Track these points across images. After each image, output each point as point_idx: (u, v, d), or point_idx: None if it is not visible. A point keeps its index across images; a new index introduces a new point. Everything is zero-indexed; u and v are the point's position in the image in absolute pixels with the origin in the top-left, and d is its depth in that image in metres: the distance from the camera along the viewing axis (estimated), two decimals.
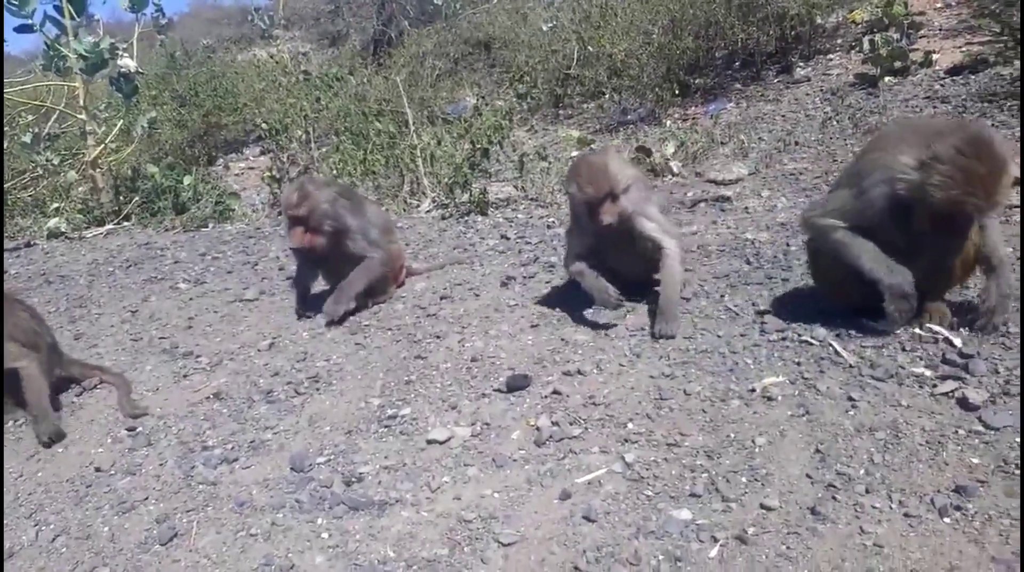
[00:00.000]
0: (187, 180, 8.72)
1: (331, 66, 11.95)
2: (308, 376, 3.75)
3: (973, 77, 7.08)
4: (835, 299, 3.49)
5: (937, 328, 3.18)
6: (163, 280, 5.87)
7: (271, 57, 14.30)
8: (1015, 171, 2.82)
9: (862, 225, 3.16)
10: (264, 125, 9.83)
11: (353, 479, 2.84)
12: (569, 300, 4.19)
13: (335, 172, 8.19)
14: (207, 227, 7.77)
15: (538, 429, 2.98)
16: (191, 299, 5.29)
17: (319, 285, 4.82)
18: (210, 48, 18.19)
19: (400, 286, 4.91)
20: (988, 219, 3.05)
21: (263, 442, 3.21)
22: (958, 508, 2.25)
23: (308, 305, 4.61)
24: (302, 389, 3.62)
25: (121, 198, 8.87)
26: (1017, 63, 7.03)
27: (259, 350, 4.19)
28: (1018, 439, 2.49)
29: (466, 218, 6.56)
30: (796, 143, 6.87)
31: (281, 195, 4.37)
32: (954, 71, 7.34)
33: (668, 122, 8.57)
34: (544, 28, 11.39)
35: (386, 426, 3.18)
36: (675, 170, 6.80)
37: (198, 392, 3.80)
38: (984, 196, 2.78)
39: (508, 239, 5.68)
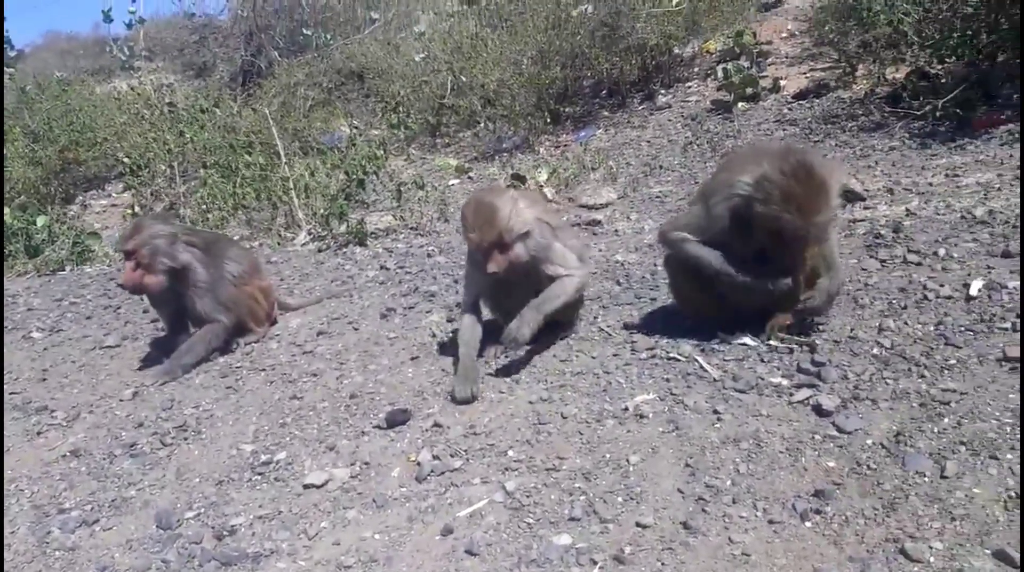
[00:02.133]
0: (41, 221, 8.17)
1: (197, 98, 11.52)
2: (175, 425, 3.56)
3: (817, 101, 7.62)
4: (690, 312, 3.69)
5: (785, 336, 3.40)
6: (14, 330, 5.46)
7: (132, 89, 13.66)
8: (833, 194, 3.08)
9: (713, 239, 3.39)
10: (126, 160, 9.38)
11: (225, 532, 2.71)
12: (450, 330, 4.19)
13: (204, 207, 7.89)
14: (64, 270, 7.30)
15: (419, 464, 2.94)
16: (45, 349, 4.94)
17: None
18: (65, 80, 17.18)
19: (273, 324, 4.76)
20: (822, 235, 3.27)
21: (126, 500, 3.02)
22: (818, 512, 2.38)
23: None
24: (168, 440, 3.44)
25: None
26: (855, 87, 7.64)
27: (121, 400, 3.95)
28: (869, 441, 2.66)
29: (344, 249, 6.47)
30: (661, 167, 7.17)
31: None
32: (800, 95, 7.88)
33: (541, 150, 8.76)
34: (417, 59, 11.43)
35: (260, 473, 3.06)
36: (549, 196, 6.94)
37: (53, 450, 3.54)
38: (798, 214, 3.04)
39: (388, 269, 5.64)
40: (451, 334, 4.13)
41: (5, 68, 14.17)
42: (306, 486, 2.92)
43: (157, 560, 2.62)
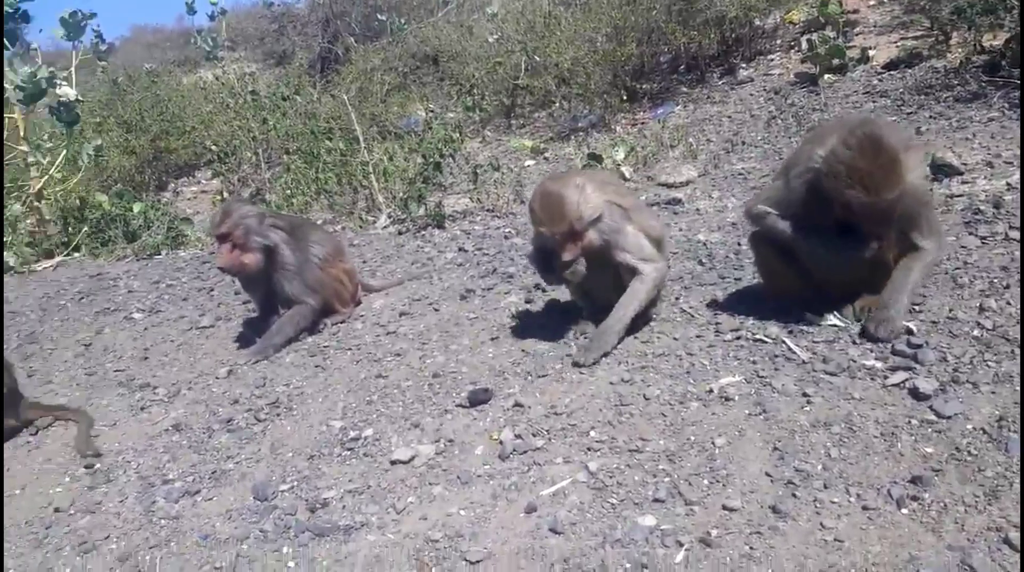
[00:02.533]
0: (137, 207, 8.55)
1: (278, 85, 11.82)
2: (268, 402, 3.70)
3: (909, 71, 7.28)
4: (776, 290, 3.60)
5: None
6: (116, 311, 5.74)
7: (217, 79, 14.12)
8: (906, 169, 2.94)
9: (795, 213, 3.30)
10: (214, 147, 9.71)
11: (317, 505, 2.81)
12: (529, 311, 4.22)
13: (288, 192, 8.12)
14: (160, 254, 7.63)
15: (501, 443, 2.98)
16: (146, 329, 5.19)
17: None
18: (154, 72, 17.87)
19: (357, 305, 4.88)
20: (914, 209, 3.13)
21: (224, 472, 3.17)
22: (915, 498, 2.31)
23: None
24: (262, 416, 3.58)
25: (70, 229, 8.67)
26: (949, 56, 7.26)
27: (217, 378, 4.13)
28: (970, 426, 2.56)
29: (423, 232, 6.56)
30: (743, 143, 7.00)
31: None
32: (890, 66, 7.54)
33: (618, 128, 8.66)
34: (490, 40, 11.43)
35: (349, 449, 3.16)
36: (626, 175, 6.87)
37: (156, 424, 3.73)
38: (863, 189, 2.91)
39: (466, 251, 5.69)
40: (528, 316, 4.15)
41: (98, 62, 14.79)
42: (393, 462, 3.00)
43: (255, 530, 2.73)
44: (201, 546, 2.72)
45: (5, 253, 7.92)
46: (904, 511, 2.27)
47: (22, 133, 8.65)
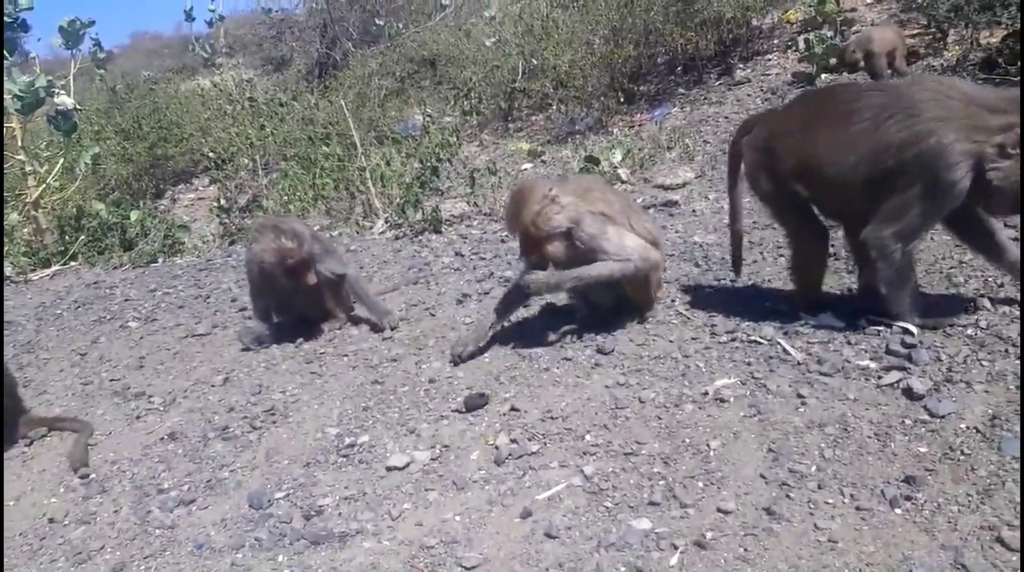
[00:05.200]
0: (134, 215, 8.56)
1: (276, 91, 11.86)
2: (264, 409, 3.69)
3: (906, 69, 7.27)
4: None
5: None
6: (113, 319, 5.74)
7: (215, 85, 14.15)
8: None
9: None
10: (211, 155, 9.72)
11: (313, 512, 2.81)
12: (525, 315, 4.21)
13: (285, 198, 8.12)
14: (157, 262, 7.63)
15: (497, 448, 2.98)
16: (142, 337, 5.19)
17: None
18: (152, 79, 17.91)
19: (353, 310, 4.87)
20: None
21: (220, 481, 3.16)
22: (908, 498, 2.30)
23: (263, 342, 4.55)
24: (258, 423, 3.57)
25: (66, 237, 8.66)
26: (946, 54, 7.27)
27: (213, 386, 4.12)
28: (963, 425, 2.56)
29: (420, 237, 6.55)
30: None
31: (264, 241, 4.26)
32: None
33: (615, 130, 8.66)
34: (487, 43, 11.44)
35: (344, 456, 3.15)
36: (624, 177, 6.87)
37: (152, 433, 3.72)
38: None
39: (463, 256, 5.69)
40: (525, 320, 4.15)
41: (97, 70, 14.83)
42: (389, 468, 2.99)
43: (250, 538, 2.73)
44: (196, 555, 2.71)
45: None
46: (898, 511, 2.26)
47: (20, 142, 8.67)
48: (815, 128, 3.19)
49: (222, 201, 8.54)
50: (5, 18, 8.47)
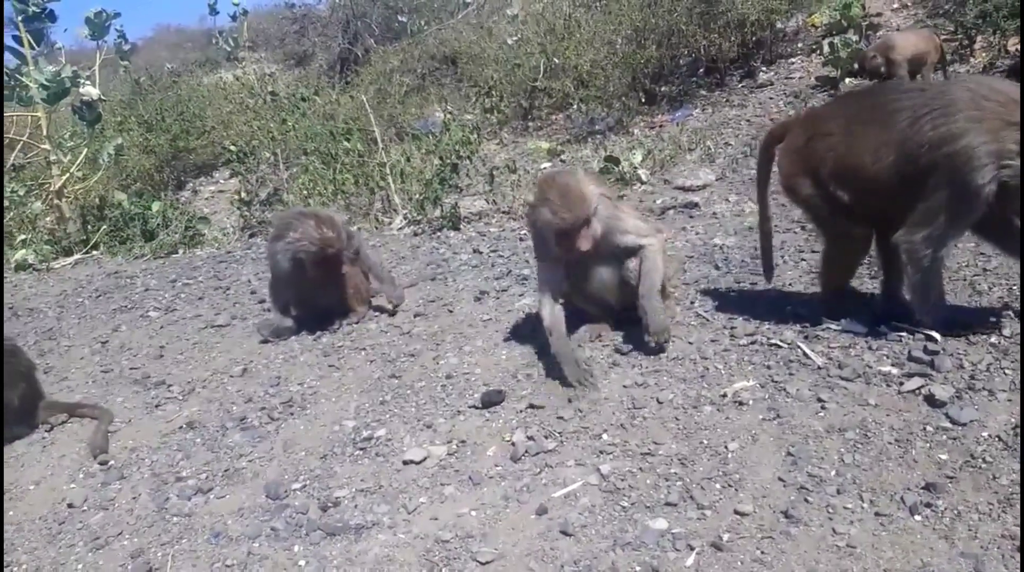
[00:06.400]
0: (155, 206, 8.65)
1: (298, 86, 11.92)
2: (282, 401, 3.72)
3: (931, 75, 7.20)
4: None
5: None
6: (133, 309, 5.80)
7: (237, 79, 14.25)
8: None
9: None
10: (232, 148, 9.78)
11: (329, 504, 2.82)
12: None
13: (305, 193, 8.16)
14: (177, 253, 7.69)
15: (513, 444, 2.98)
16: (162, 327, 5.23)
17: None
18: (175, 72, 18.08)
19: (370, 306, 4.89)
20: None
21: (237, 470, 3.18)
22: (928, 505, 2.28)
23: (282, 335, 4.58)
24: (276, 414, 3.60)
25: (89, 227, 8.77)
26: (973, 60, 7.20)
27: (231, 376, 4.15)
28: (985, 433, 2.53)
29: (438, 234, 6.57)
30: None
31: (304, 230, 4.31)
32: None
33: (635, 131, 8.64)
34: (509, 42, 11.44)
35: (361, 448, 3.17)
36: (643, 178, 6.85)
37: (171, 422, 3.76)
38: None
39: (481, 253, 5.69)
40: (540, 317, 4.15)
41: (121, 61, 14.96)
42: (405, 462, 3.00)
43: (267, 528, 2.75)
44: (213, 543, 2.73)
45: (24, 250, 8.02)
46: (917, 518, 2.24)
47: (45, 131, 8.77)
48: (856, 129, 3.12)
49: (243, 194, 8.60)
50: (33, 8, 8.58)
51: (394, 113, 10.86)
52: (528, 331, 4.00)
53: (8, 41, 8.59)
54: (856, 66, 7.64)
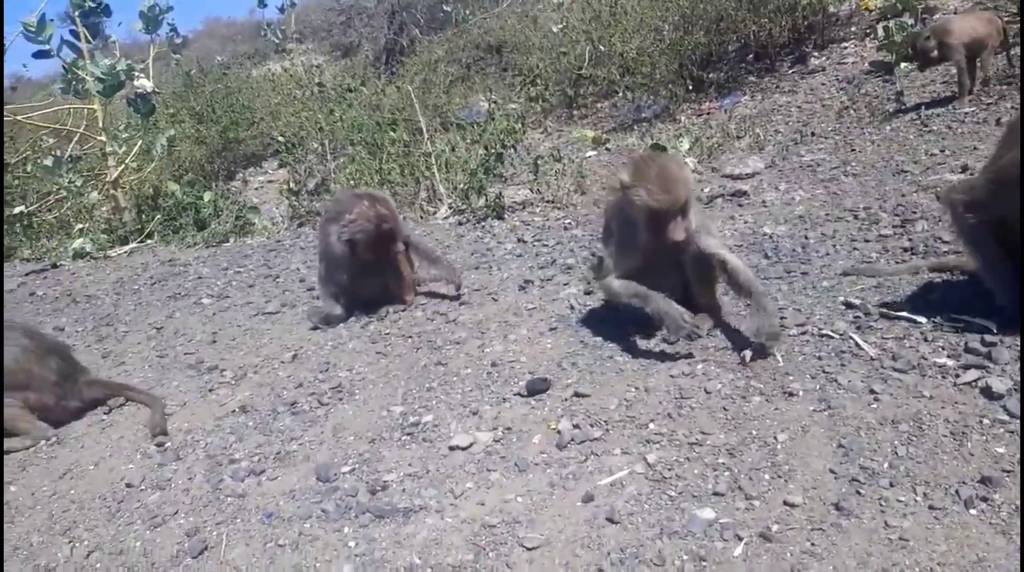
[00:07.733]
0: (207, 196, 8.84)
1: (344, 77, 12.05)
2: (331, 386, 3.78)
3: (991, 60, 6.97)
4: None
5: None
6: (187, 296, 5.94)
7: (285, 71, 14.45)
8: None
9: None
10: (281, 138, 9.94)
11: (378, 487, 2.87)
12: (588, 303, 4.20)
13: (352, 182, 8.26)
14: (228, 242, 7.86)
15: (559, 432, 2.99)
16: (214, 314, 5.36)
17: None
18: (225, 64, 18.39)
19: (417, 294, 4.94)
20: None
21: (288, 453, 3.25)
22: (984, 499, 2.23)
23: (331, 322, 4.65)
24: (325, 399, 3.66)
25: (143, 216, 9.01)
26: None
27: (282, 362, 4.23)
28: None
29: (483, 223, 6.59)
30: (813, 134, 6.82)
31: (359, 209, 4.42)
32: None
33: (682, 118, 8.54)
34: (554, 30, 11.39)
35: (409, 434, 3.21)
36: (691, 166, 6.77)
37: (224, 406, 3.85)
38: None
39: (525, 242, 5.70)
40: (587, 307, 4.14)
41: (173, 54, 15.28)
42: (452, 447, 3.03)
43: (317, 509, 2.80)
44: (265, 523, 2.80)
45: (82, 239, 8.27)
46: (972, 512, 2.19)
47: (100, 123, 9.01)
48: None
49: (291, 184, 8.74)
50: (89, 3, 8.81)
51: (439, 103, 10.91)
52: (573, 320, 4.00)
53: (65, 35, 8.85)
54: (909, 50, 7.42)
